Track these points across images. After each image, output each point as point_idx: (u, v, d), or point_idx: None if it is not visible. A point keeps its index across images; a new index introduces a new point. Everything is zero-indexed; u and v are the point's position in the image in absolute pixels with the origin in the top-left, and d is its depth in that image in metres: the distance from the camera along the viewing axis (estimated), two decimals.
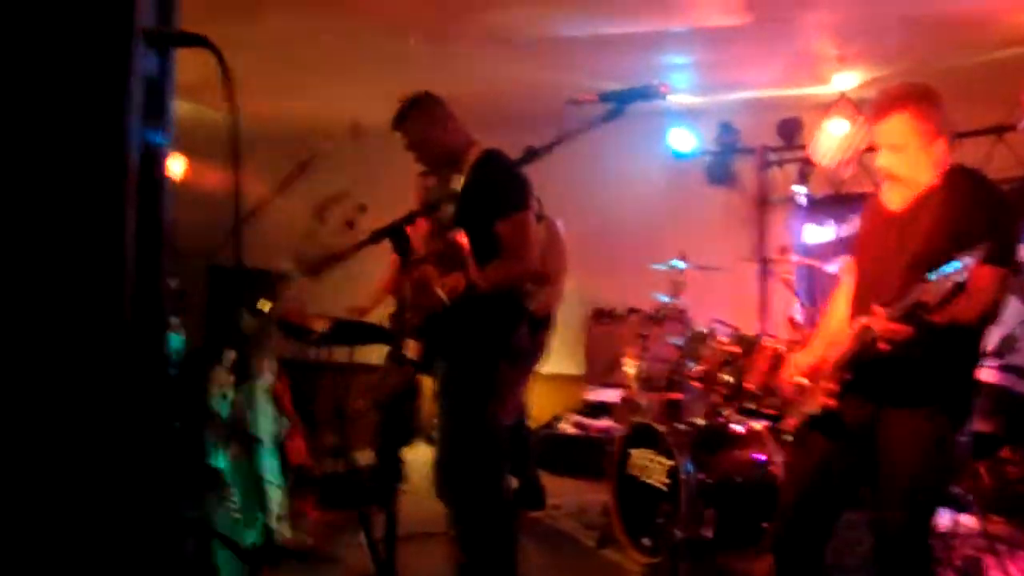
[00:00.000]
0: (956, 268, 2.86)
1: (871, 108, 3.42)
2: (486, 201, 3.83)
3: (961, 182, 3.29)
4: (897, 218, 3.36)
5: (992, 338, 6.50)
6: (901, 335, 3.03)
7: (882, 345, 3.10)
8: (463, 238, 3.64)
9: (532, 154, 2.93)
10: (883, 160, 3.34)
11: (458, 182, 3.98)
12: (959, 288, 2.89)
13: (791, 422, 3.55)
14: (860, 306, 3.35)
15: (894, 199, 3.40)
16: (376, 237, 2.68)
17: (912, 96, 3.31)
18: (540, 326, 5.81)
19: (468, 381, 3.90)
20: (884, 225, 3.43)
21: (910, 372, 3.22)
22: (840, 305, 3.64)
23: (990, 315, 3.23)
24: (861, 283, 3.53)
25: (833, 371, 3.32)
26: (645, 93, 2.84)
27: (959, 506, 4.90)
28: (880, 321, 3.08)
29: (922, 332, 3.03)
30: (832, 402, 3.30)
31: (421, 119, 4.12)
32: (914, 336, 3.03)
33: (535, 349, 5.80)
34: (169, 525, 2.16)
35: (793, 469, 3.86)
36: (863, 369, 3.23)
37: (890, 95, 3.35)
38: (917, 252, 3.16)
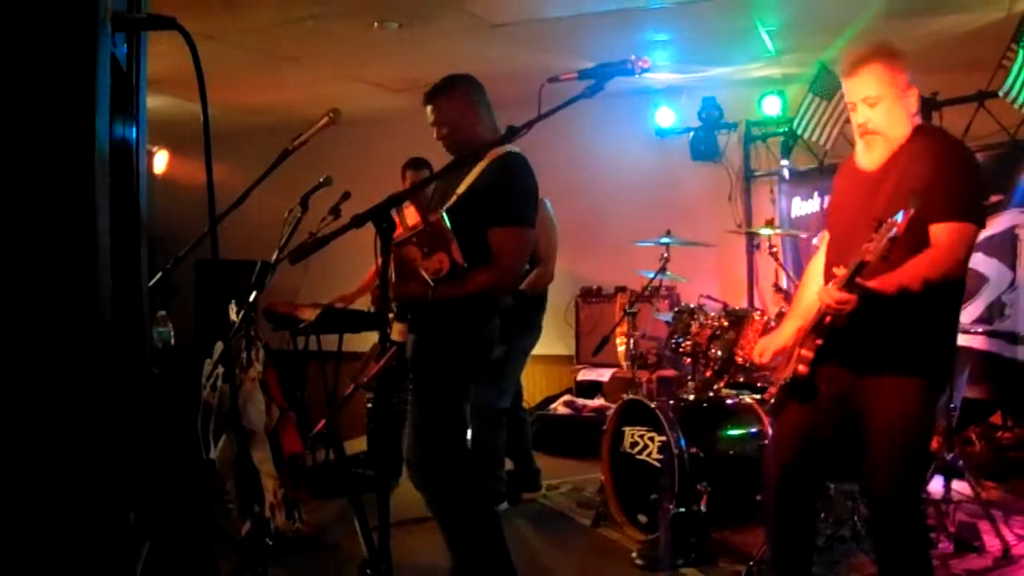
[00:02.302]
0: (893, 220, 2.89)
1: (843, 66, 3.41)
2: (492, 203, 3.75)
3: (925, 140, 3.29)
4: (869, 179, 3.36)
5: (979, 304, 6.54)
6: (847, 304, 3.06)
7: (829, 317, 3.15)
8: (444, 219, 3.59)
9: (513, 132, 2.92)
10: (860, 116, 3.34)
11: (470, 175, 3.88)
12: (893, 242, 2.91)
13: (770, 391, 3.57)
14: (831, 270, 3.37)
15: (867, 160, 3.39)
16: (358, 221, 2.65)
17: (881, 50, 3.33)
18: (534, 306, 5.81)
19: (432, 372, 3.83)
20: (856, 187, 3.44)
21: (884, 337, 3.23)
22: (815, 272, 3.65)
23: (957, 273, 3.20)
24: (832, 247, 3.55)
25: (804, 338, 3.34)
26: (624, 68, 2.83)
27: (952, 473, 4.91)
28: (828, 292, 3.11)
29: (867, 300, 3.06)
30: (803, 368, 3.31)
31: (457, 100, 3.93)
32: (857, 304, 3.06)
33: (530, 331, 5.80)
34: (148, 523, 2.15)
35: (775, 438, 3.87)
36: (838, 335, 3.25)
37: (860, 51, 3.36)
38: (881, 214, 3.14)
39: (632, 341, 5.79)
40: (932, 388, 3.30)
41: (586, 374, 8.44)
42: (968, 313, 6.47)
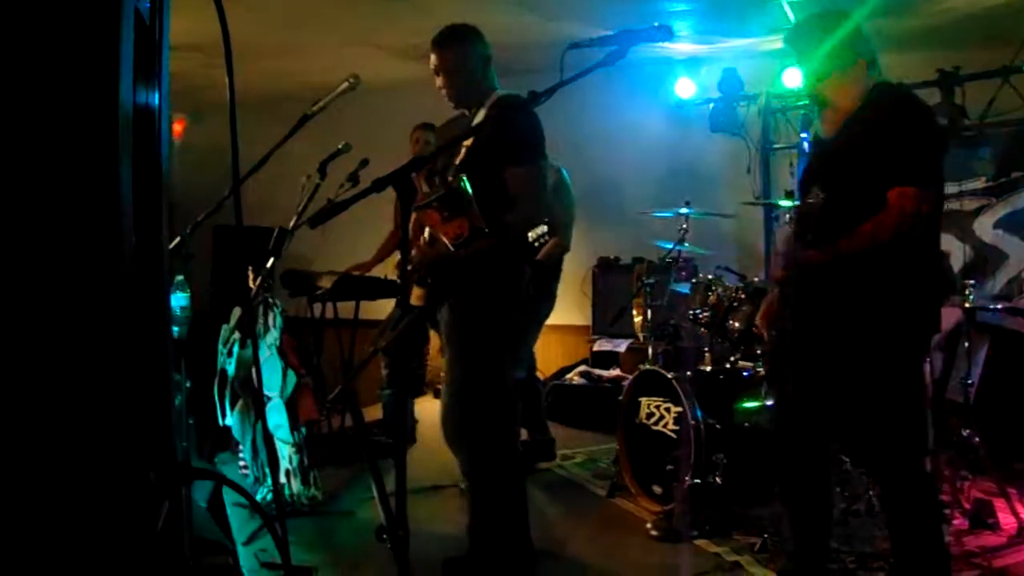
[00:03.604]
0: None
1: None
2: (501, 145, 3.75)
3: (879, 104, 3.30)
4: (827, 145, 3.42)
5: (998, 281, 6.51)
6: (784, 278, 3.21)
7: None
8: (464, 183, 3.58)
9: (534, 98, 2.90)
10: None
11: (474, 124, 3.90)
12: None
13: (765, 364, 3.62)
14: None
15: (822, 129, 3.47)
16: (378, 185, 2.64)
17: (824, 21, 3.37)
18: (549, 276, 5.80)
19: (473, 330, 3.85)
20: (818, 154, 3.50)
21: (850, 300, 3.26)
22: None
23: (909, 235, 3.16)
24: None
25: (778, 311, 3.39)
26: (647, 35, 2.80)
27: (968, 449, 4.89)
28: (773, 270, 3.18)
29: (827, 271, 3.21)
30: (779, 340, 3.37)
31: (463, 48, 3.96)
32: (795, 271, 3.20)
33: (545, 299, 5.79)
34: (171, 484, 2.16)
35: (776, 409, 3.89)
36: (810, 307, 3.32)
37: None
38: (838, 180, 3.21)
39: (649, 312, 5.78)
40: (907, 352, 3.30)
41: (602, 344, 8.43)
42: (987, 290, 6.44)
